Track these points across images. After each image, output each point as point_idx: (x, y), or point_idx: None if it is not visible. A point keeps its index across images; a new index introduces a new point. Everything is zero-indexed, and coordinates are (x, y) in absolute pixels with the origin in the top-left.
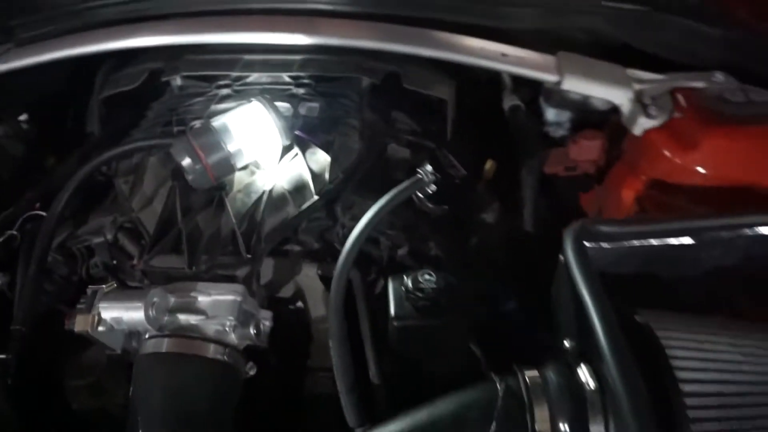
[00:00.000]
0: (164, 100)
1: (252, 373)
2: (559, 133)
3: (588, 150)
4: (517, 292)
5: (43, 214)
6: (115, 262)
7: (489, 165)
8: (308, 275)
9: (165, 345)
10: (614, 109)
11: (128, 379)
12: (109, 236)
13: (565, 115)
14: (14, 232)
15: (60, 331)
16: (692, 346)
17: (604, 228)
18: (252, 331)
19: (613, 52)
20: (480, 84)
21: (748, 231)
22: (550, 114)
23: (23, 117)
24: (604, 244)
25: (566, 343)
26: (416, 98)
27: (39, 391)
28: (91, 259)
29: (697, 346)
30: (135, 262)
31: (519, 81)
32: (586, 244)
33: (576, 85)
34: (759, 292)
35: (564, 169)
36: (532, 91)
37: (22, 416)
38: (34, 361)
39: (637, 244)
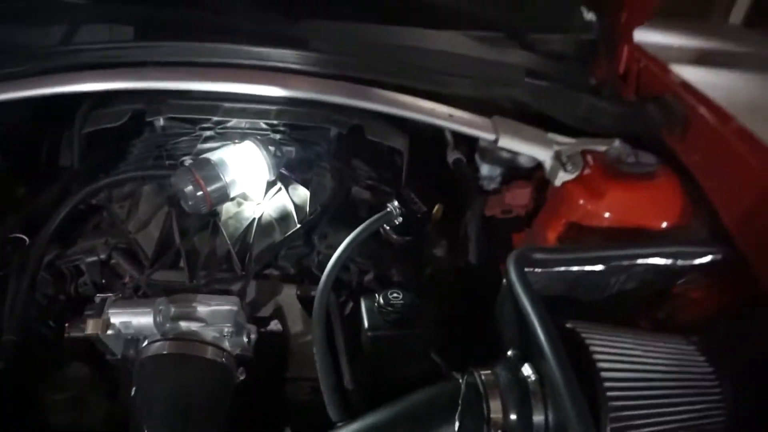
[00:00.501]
0: (147, 138)
1: (242, 377)
2: (491, 186)
3: (520, 196)
4: (465, 311)
5: (24, 237)
6: (104, 281)
7: (437, 208)
8: (288, 295)
9: (168, 347)
10: (537, 166)
11: (108, 395)
12: (103, 256)
13: (496, 171)
14: None
15: (37, 350)
16: (609, 344)
17: (538, 255)
18: (245, 339)
19: (535, 119)
20: (426, 140)
21: (641, 260)
22: (485, 169)
23: None
24: (537, 270)
25: (510, 352)
26: (374, 148)
27: (16, 405)
28: (80, 278)
29: (613, 345)
30: (127, 279)
31: (458, 139)
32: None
33: (509, 144)
34: (653, 310)
35: (501, 212)
36: (468, 149)
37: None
38: (14, 375)
39: (562, 270)
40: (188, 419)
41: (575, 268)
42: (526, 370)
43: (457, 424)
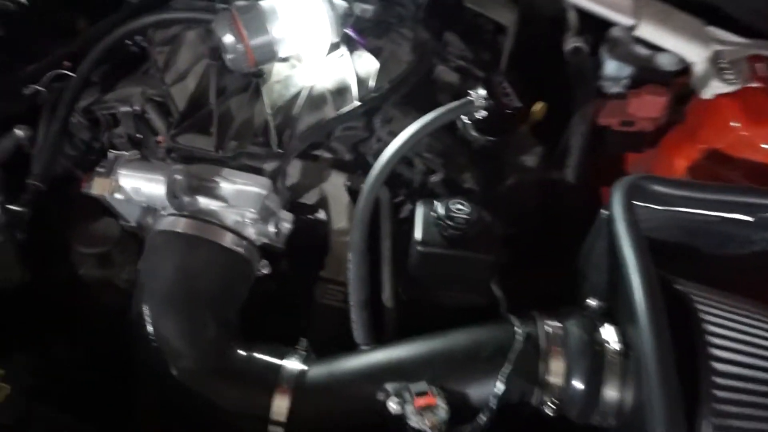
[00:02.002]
0: None
1: (265, 271)
2: (614, 89)
3: (650, 106)
4: (544, 239)
5: (71, 74)
6: (139, 135)
7: (539, 107)
8: (335, 184)
9: (182, 225)
10: (680, 71)
11: (139, 256)
12: (137, 107)
13: (625, 71)
14: (40, 88)
15: (75, 197)
16: (730, 325)
17: (658, 188)
18: (271, 229)
19: (690, 5)
20: (541, 20)
21: None
22: (610, 67)
23: None
24: (651, 206)
25: (591, 302)
26: (472, 23)
27: (46, 250)
28: (116, 129)
29: (735, 326)
30: (160, 138)
31: (584, 23)
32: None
33: (651, 34)
34: None
35: (619, 122)
36: (594, 38)
37: (26, 271)
38: (45, 221)
39: (687, 212)
40: (194, 308)
41: (706, 213)
42: (608, 332)
43: (500, 384)
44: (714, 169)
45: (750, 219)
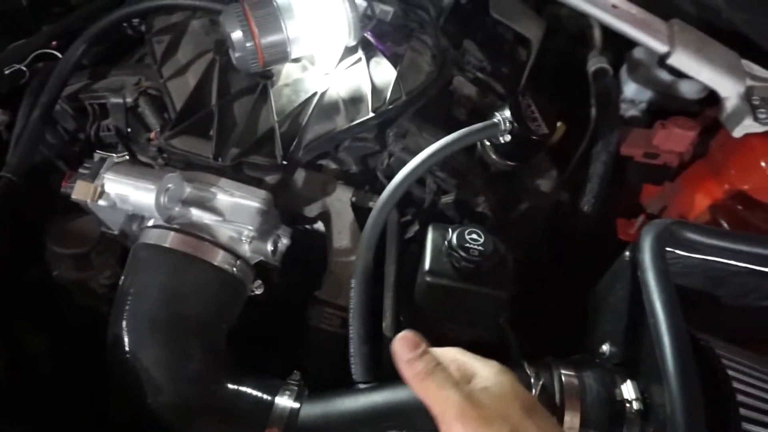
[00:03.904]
0: None
1: (258, 292)
2: (630, 112)
3: (678, 139)
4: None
5: (58, 54)
6: (129, 130)
7: (559, 127)
8: (340, 199)
9: (170, 240)
10: (701, 101)
11: (120, 261)
12: (129, 99)
13: (645, 95)
14: (23, 67)
15: (53, 191)
16: (759, 385)
17: (692, 235)
18: (269, 247)
19: (723, 38)
20: (565, 35)
21: None
22: (629, 90)
23: None
24: (678, 251)
25: (605, 347)
26: (492, 32)
27: (18, 246)
28: (104, 120)
29: (762, 382)
30: (153, 135)
31: (608, 42)
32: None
33: (686, 62)
34: None
35: (643, 154)
36: (614, 57)
37: None
38: (19, 216)
39: (716, 261)
40: (178, 334)
41: (737, 264)
42: (628, 389)
43: None
44: (737, 210)
45: None
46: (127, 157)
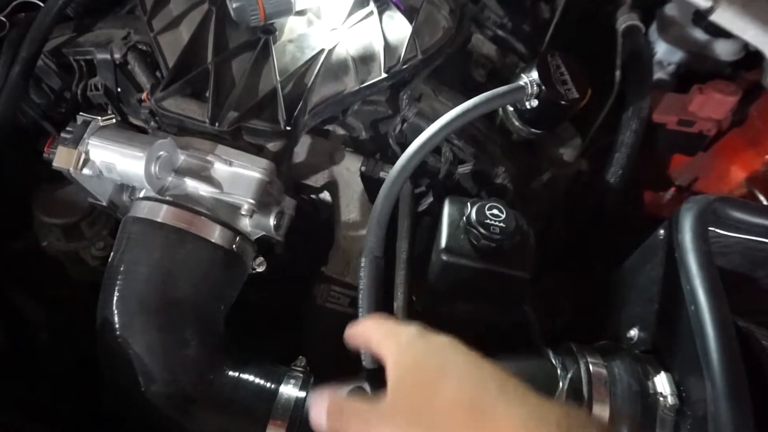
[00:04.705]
0: None
1: (260, 270)
2: (657, 75)
3: (717, 106)
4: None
5: (40, 3)
6: (119, 89)
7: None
8: (348, 168)
9: (162, 213)
10: (735, 64)
11: (113, 233)
12: (118, 55)
13: (676, 56)
14: (2, 18)
15: (41, 154)
16: None
17: (737, 214)
18: (272, 221)
19: None
20: None
21: None
22: (660, 49)
23: None
24: (720, 230)
25: (633, 332)
26: None
27: (3, 214)
28: (91, 79)
29: None
30: (144, 96)
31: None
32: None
33: (728, 20)
34: None
35: (677, 121)
36: (644, 14)
37: None
38: (4, 181)
39: (757, 240)
40: (171, 314)
41: None
42: (662, 382)
43: None
44: None
45: None
46: (114, 120)
